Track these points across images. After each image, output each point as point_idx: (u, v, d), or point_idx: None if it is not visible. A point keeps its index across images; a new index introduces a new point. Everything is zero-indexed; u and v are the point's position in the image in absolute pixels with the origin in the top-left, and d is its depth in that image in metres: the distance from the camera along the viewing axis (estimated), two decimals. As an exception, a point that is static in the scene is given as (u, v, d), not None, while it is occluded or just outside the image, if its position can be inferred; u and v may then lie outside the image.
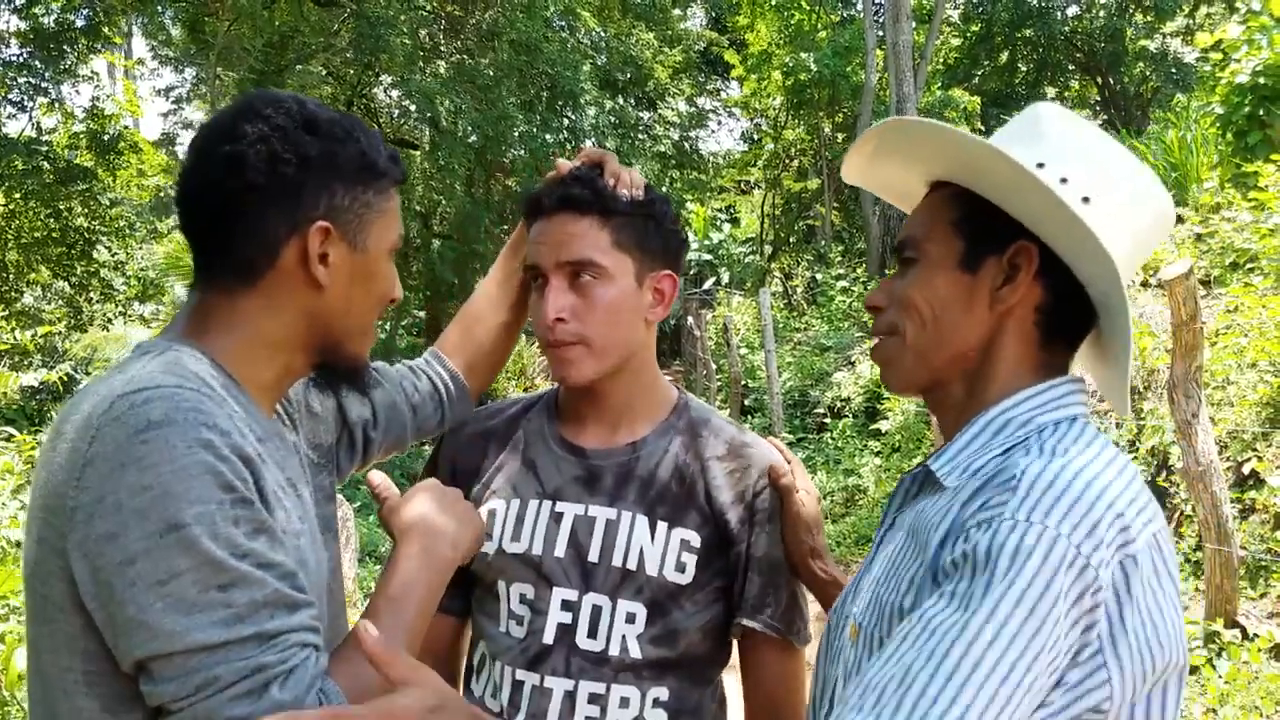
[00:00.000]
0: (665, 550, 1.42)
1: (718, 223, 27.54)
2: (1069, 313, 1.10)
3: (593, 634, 1.40)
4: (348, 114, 1.18)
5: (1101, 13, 19.47)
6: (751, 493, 1.45)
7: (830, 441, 8.24)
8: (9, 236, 11.55)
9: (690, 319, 14.00)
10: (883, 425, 7.65)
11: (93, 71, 11.71)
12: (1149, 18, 19.05)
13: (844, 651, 1.10)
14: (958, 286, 1.11)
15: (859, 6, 17.83)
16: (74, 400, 1.05)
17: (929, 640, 0.89)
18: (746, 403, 10.37)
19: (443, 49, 13.76)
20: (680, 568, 1.41)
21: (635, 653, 1.40)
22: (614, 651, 1.40)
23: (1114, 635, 0.92)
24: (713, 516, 1.44)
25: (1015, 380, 1.09)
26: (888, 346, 1.17)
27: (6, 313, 11.16)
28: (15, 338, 9.76)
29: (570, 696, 1.40)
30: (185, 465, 0.95)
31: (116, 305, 12.44)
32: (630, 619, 1.41)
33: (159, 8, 11.65)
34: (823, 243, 17.35)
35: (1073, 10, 19.83)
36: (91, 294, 12.06)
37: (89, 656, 0.98)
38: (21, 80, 10.85)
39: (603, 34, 16.14)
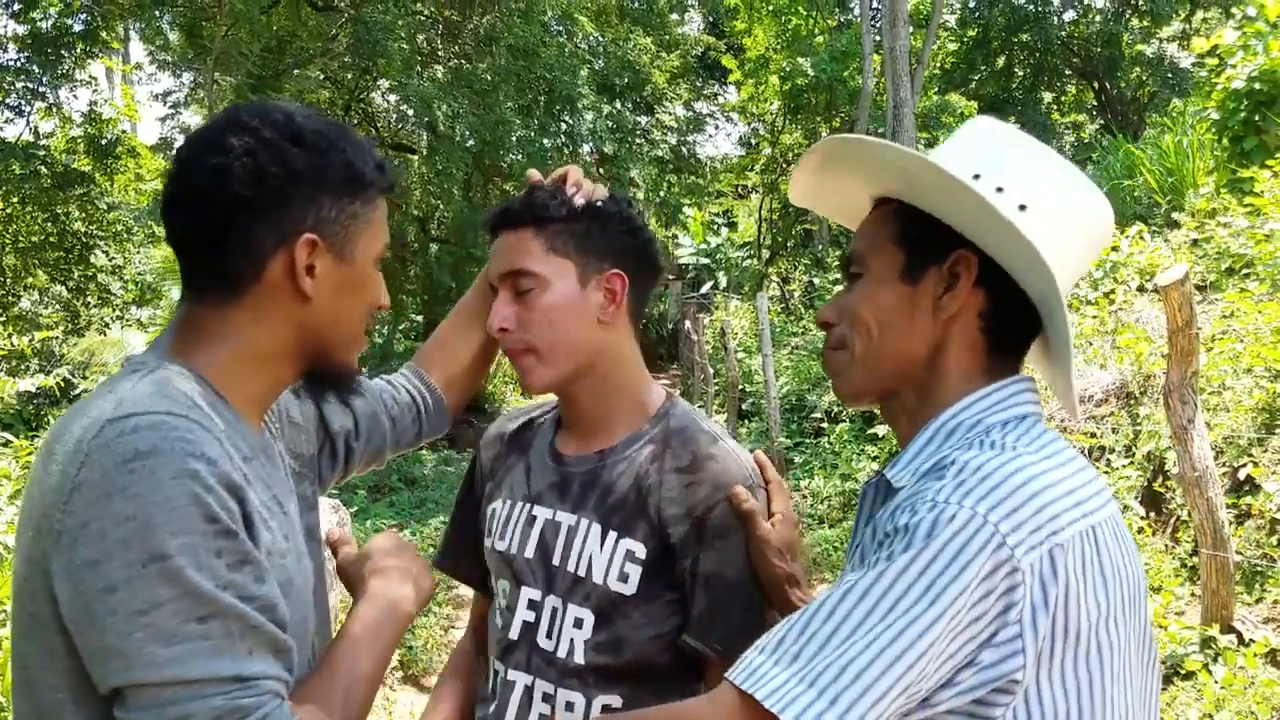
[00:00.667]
0: (611, 559, 1.43)
1: (715, 227, 27.55)
2: (1013, 318, 1.13)
3: (549, 635, 1.45)
4: (335, 123, 1.19)
5: (1098, 18, 19.51)
6: (703, 508, 1.41)
7: (827, 446, 8.24)
8: (6, 241, 11.54)
9: (688, 323, 14.01)
10: (880, 430, 7.65)
11: (90, 76, 11.71)
12: (1145, 23, 19.09)
13: None
14: (900, 298, 1.14)
15: (856, 11, 17.86)
16: (65, 419, 1.05)
17: (836, 597, 0.95)
18: (744, 407, 10.37)
19: (440, 54, 13.77)
20: (623, 578, 1.42)
21: (579, 658, 1.42)
22: (562, 654, 1.43)
23: (1035, 618, 0.95)
24: (659, 528, 1.42)
25: (964, 386, 1.12)
26: (837, 359, 1.20)
27: (4, 317, 11.15)
28: (12, 342, 9.76)
29: (529, 692, 1.45)
30: (170, 496, 0.95)
31: (114, 310, 12.44)
32: (578, 624, 1.43)
33: (157, 12, 11.65)
34: (820, 247, 17.36)
35: (1069, 15, 19.86)
36: (89, 298, 12.05)
37: (76, 674, 0.98)
38: (19, 85, 10.86)
39: (600, 39, 16.16)
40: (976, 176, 1.11)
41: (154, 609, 0.94)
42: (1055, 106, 21.10)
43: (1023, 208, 1.09)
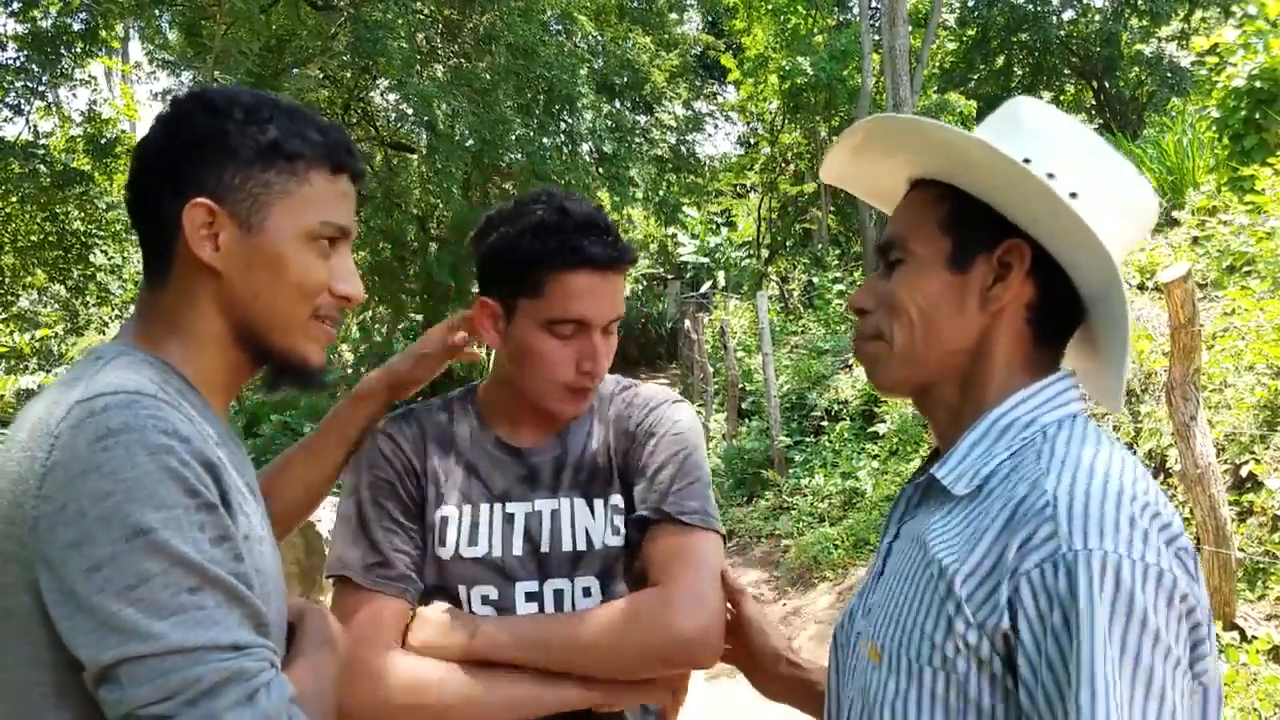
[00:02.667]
0: (605, 523, 1.54)
1: (714, 226, 27.56)
2: (1059, 310, 1.09)
3: (558, 613, 1.50)
4: (277, 100, 1.15)
5: (1097, 17, 19.52)
6: (634, 423, 1.57)
7: (828, 444, 8.24)
8: (5, 240, 11.54)
9: (687, 322, 14.01)
10: (880, 428, 7.65)
11: (90, 75, 11.70)
12: (1144, 22, 19.09)
13: (865, 673, 1.07)
14: (947, 287, 1.09)
15: (855, 11, 17.86)
16: (26, 407, 1.03)
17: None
18: (744, 406, 10.37)
19: (440, 53, 13.76)
20: (616, 531, 1.53)
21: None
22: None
23: (1208, 624, 0.93)
24: (625, 474, 1.56)
25: (1009, 380, 1.08)
26: (873, 349, 1.15)
27: (3, 316, 11.14)
28: (12, 341, 9.75)
29: None
30: (148, 471, 0.94)
31: (113, 309, 12.44)
32: (587, 592, 1.51)
33: (156, 11, 11.64)
34: (819, 246, 17.36)
35: (1068, 15, 19.87)
36: (88, 298, 12.05)
37: (61, 667, 0.95)
38: (18, 84, 10.84)
39: (600, 38, 16.16)
40: (1027, 161, 1.05)
41: (143, 583, 0.92)
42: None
43: (1074, 195, 1.04)
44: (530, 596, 1.50)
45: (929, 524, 1.05)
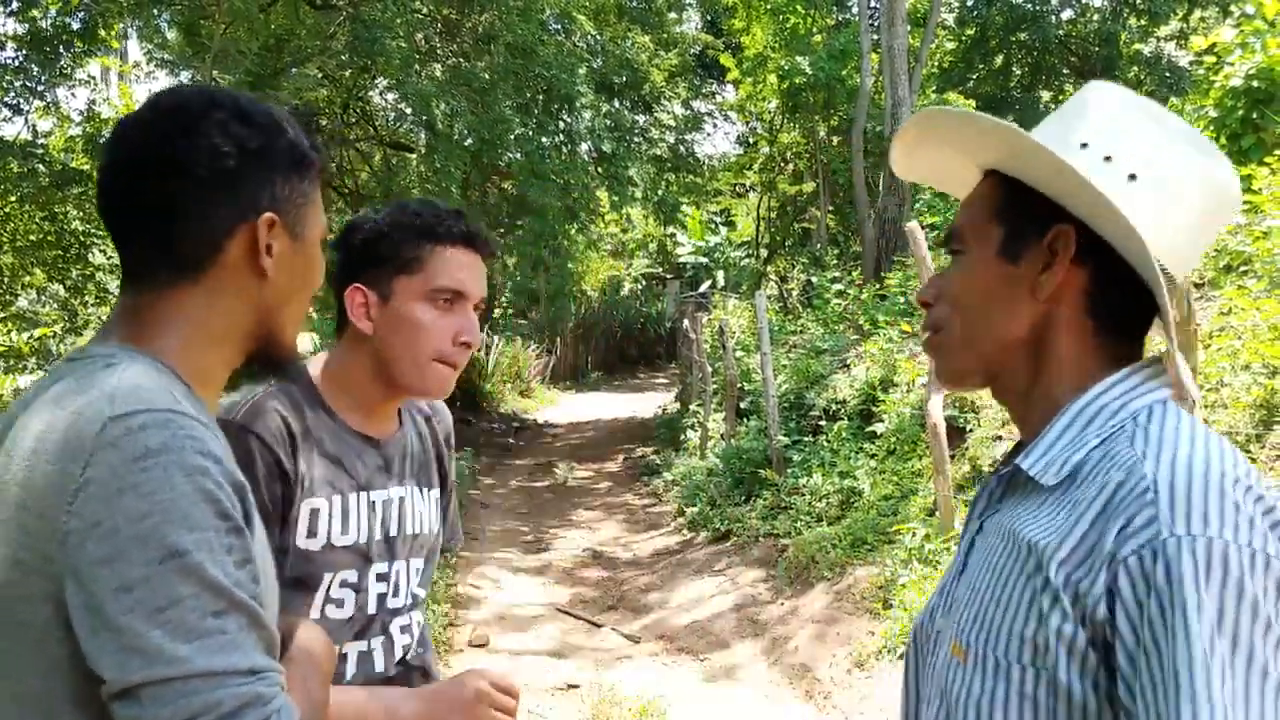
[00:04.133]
0: (431, 510, 1.77)
1: (713, 226, 27.56)
2: (1125, 296, 1.04)
3: (396, 593, 1.68)
4: (274, 106, 1.20)
5: (1095, 16, 19.54)
6: (445, 432, 1.84)
7: (826, 444, 8.24)
8: (4, 240, 11.54)
9: (686, 322, 14.02)
10: (878, 428, 7.66)
11: (89, 75, 11.70)
12: (1143, 22, 19.11)
13: (946, 672, 1.04)
14: (1000, 278, 1.08)
15: (854, 10, 17.87)
16: (29, 415, 1.03)
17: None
18: (742, 405, 10.38)
19: (439, 52, 13.76)
20: (436, 520, 1.78)
21: (413, 592, 1.72)
22: (407, 600, 1.70)
23: None
24: (440, 467, 1.81)
25: (1080, 369, 1.05)
26: (936, 341, 1.15)
27: (2, 316, 11.14)
28: (10, 340, 9.76)
29: (390, 644, 1.67)
30: (185, 493, 0.96)
31: (112, 309, 12.44)
32: (416, 572, 1.73)
33: (155, 11, 11.64)
34: (818, 246, 17.37)
35: (1067, 14, 19.88)
36: (87, 297, 12.04)
37: (79, 679, 0.96)
38: (17, 83, 10.83)
39: (599, 37, 16.16)
40: (1084, 145, 1.04)
41: (172, 605, 0.93)
42: (1053, 105, 21.09)
43: (1132, 177, 1.02)
44: (380, 577, 1.64)
45: (1018, 515, 1.03)
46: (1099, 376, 1.04)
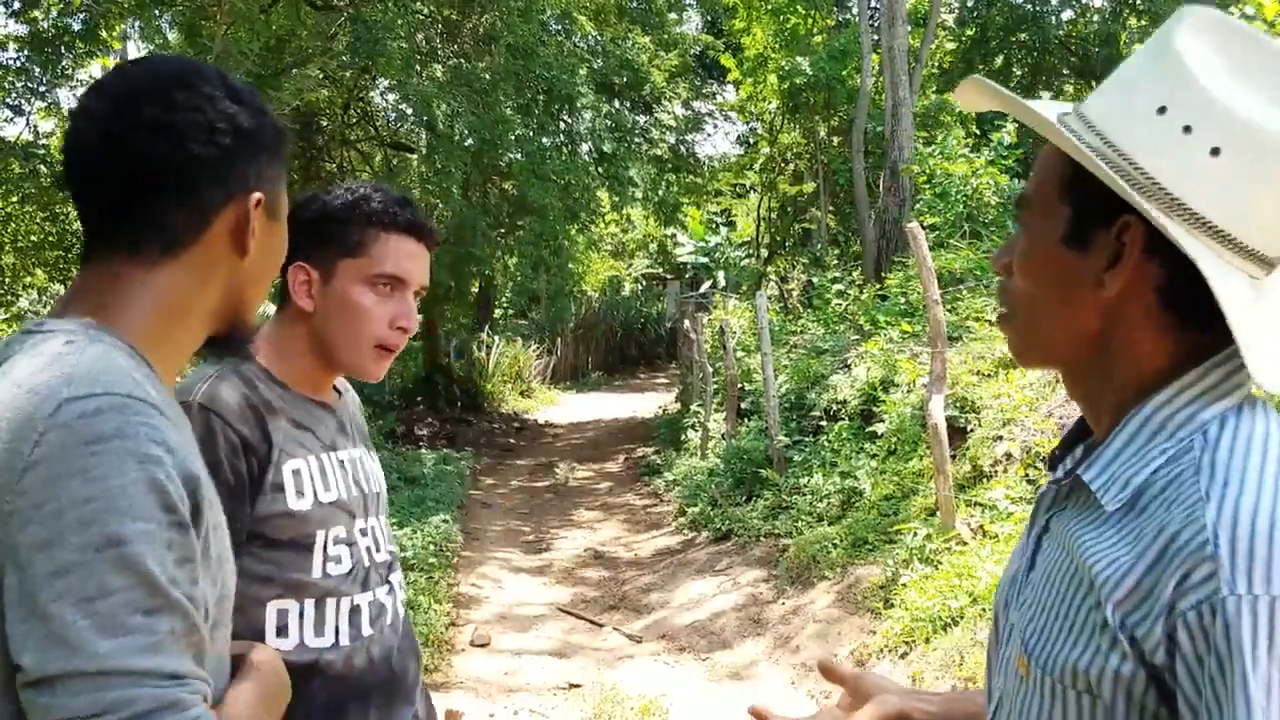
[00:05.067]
0: (379, 470, 1.83)
1: (714, 226, 27.58)
2: (1202, 286, 0.89)
3: (378, 548, 1.73)
4: (250, 85, 1.19)
5: (1096, 17, 19.55)
6: (353, 405, 1.87)
7: (827, 444, 8.25)
8: (5, 240, 11.56)
9: (687, 322, 14.03)
10: (879, 428, 7.67)
11: (90, 76, 11.71)
12: (1143, 22, 19.11)
13: (1013, 679, 1.02)
14: (1064, 267, 0.96)
15: (854, 11, 17.88)
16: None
17: None
18: (743, 405, 10.39)
19: (440, 53, 13.77)
20: (382, 479, 1.84)
21: (389, 549, 1.78)
22: (384, 556, 1.75)
23: None
24: (364, 429, 1.87)
25: (1155, 368, 0.95)
26: (1007, 329, 1.06)
27: (3, 316, 11.16)
28: (12, 341, 9.76)
29: (391, 594, 1.74)
30: (133, 481, 0.93)
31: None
32: (386, 528, 1.80)
33: (156, 11, 11.65)
34: (819, 246, 17.39)
35: (1067, 14, 19.90)
36: (88, 298, 12.05)
37: (8, 662, 0.94)
38: (19, 84, 10.85)
39: (599, 38, 16.18)
40: (1161, 110, 0.90)
41: (103, 597, 0.91)
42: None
43: (1215, 151, 0.88)
44: (364, 532, 1.70)
45: (1081, 535, 0.96)
46: (1172, 376, 0.94)
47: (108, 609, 0.91)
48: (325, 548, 1.62)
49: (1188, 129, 0.88)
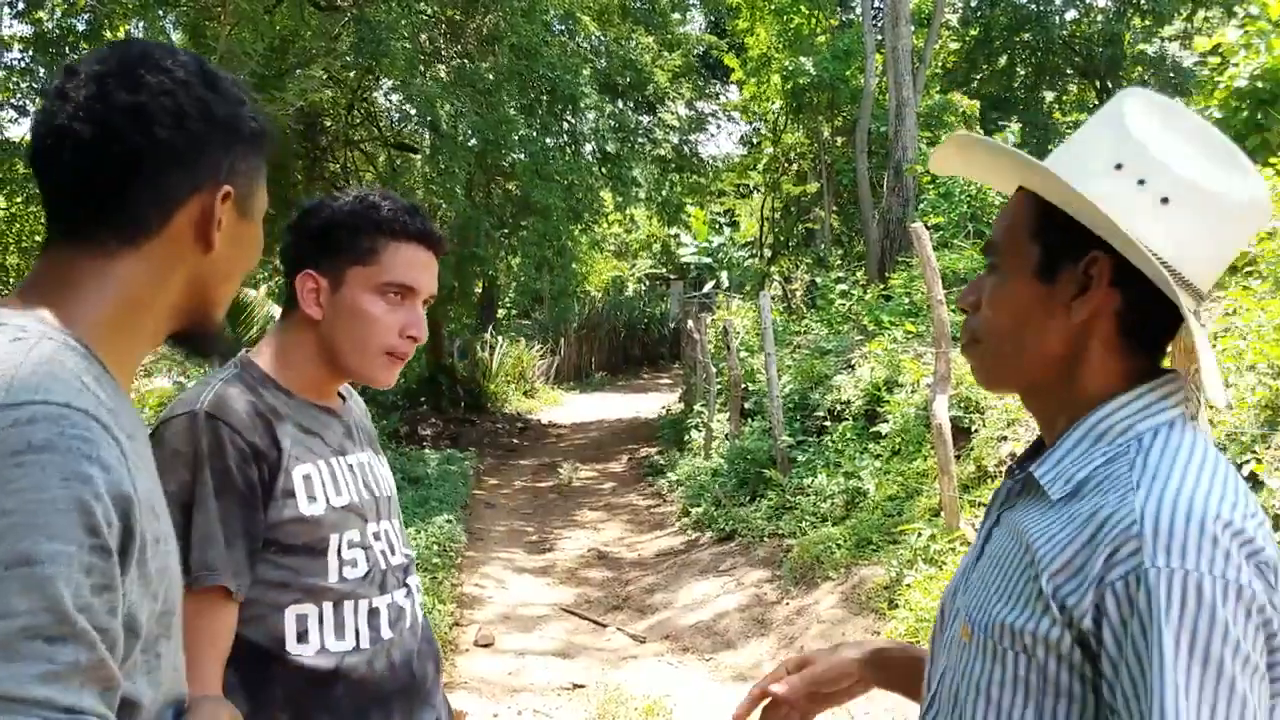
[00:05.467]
0: (389, 473, 1.84)
1: (717, 226, 27.56)
2: (1155, 314, 1.09)
3: (393, 551, 1.74)
4: (234, 77, 1.14)
5: (1100, 17, 19.53)
6: (359, 410, 1.87)
7: (830, 444, 8.25)
8: (10, 240, 11.60)
9: (690, 322, 14.03)
10: (883, 428, 7.66)
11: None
12: (1147, 22, 19.10)
13: (957, 648, 1.15)
14: (1035, 297, 1.11)
15: (858, 11, 17.87)
16: None
17: None
18: (747, 406, 10.38)
19: (443, 53, 13.78)
20: (392, 482, 1.84)
21: (405, 552, 1.78)
22: (399, 559, 1.75)
23: None
24: (372, 434, 1.87)
25: (1106, 385, 1.10)
26: (974, 354, 1.20)
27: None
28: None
29: (410, 599, 1.74)
30: (55, 497, 0.87)
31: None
32: (400, 531, 1.80)
33: (160, 12, 11.66)
34: (822, 246, 17.38)
35: (1071, 14, 19.88)
36: (92, 298, 12.08)
37: None
38: (23, 85, 10.87)
39: (602, 38, 16.17)
40: (1119, 166, 1.07)
41: (7, 617, 0.84)
42: (1057, 106, 21.12)
43: (1165, 200, 1.05)
44: (376, 535, 1.70)
45: (1026, 520, 1.10)
46: (1117, 392, 1.09)
47: (6, 630, 0.84)
48: (339, 552, 1.62)
49: (1141, 182, 1.06)
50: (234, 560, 1.50)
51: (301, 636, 1.58)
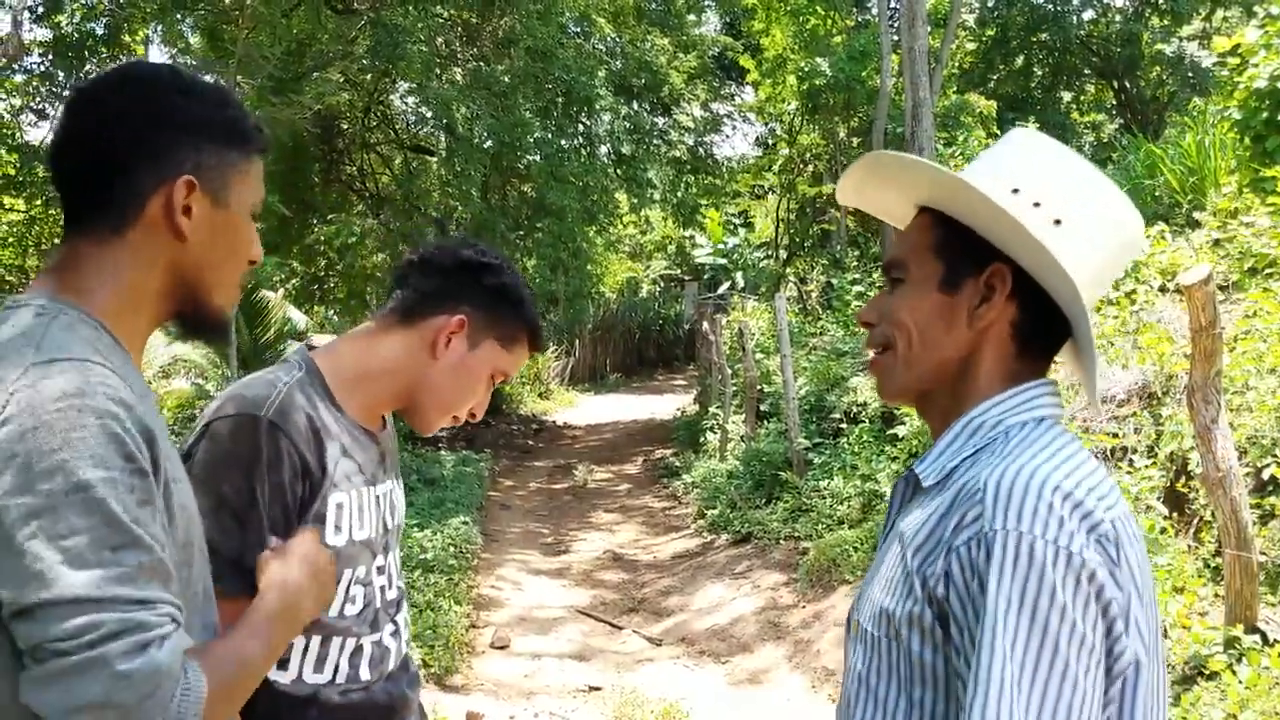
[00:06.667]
0: (402, 500, 1.84)
1: (732, 227, 27.53)
2: (1044, 324, 1.19)
3: (390, 585, 1.73)
4: (223, 86, 1.32)
5: (1117, 17, 19.42)
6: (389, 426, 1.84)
7: (847, 447, 8.22)
8: (30, 243, 11.68)
9: (705, 324, 14.01)
10: (899, 430, 7.64)
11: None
12: (1165, 22, 18.98)
13: (850, 649, 1.22)
14: (939, 306, 1.21)
15: (874, 11, 17.82)
16: None
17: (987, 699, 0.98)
18: (762, 408, 10.36)
19: (459, 56, 13.82)
20: (403, 509, 1.85)
21: (399, 586, 1.77)
22: (397, 592, 1.76)
23: (1129, 604, 1.04)
24: (397, 459, 1.86)
25: (991, 388, 1.19)
26: (883, 361, 1.27)
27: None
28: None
29: (396, 636, 1.72)
30: (94, 433, 1.05)
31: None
32: (398, 560, 1.79)
33: (178, 15, 11.73)
34: (838, 248, 17.32)
35: (1088, 14, 19.77)
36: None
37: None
38: (43, 89, 10.95)
39: (618, 40, 16.19)
40: (1016, 190, 1.17)
41: (73, 535, 1.02)
42: (1074, 106, 21.01)
43: (1058, 222, 1.15)
44: (380, 570, 1.69)
45: (908, 517, 1.18)
46: (994, 393, 1.19)
47: (77, 545, 1.02)
48: (346, 588, 1.61)
49: (1037, 204, 1.16)
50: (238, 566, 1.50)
51: (282, 664, 1.57)
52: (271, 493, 1.50)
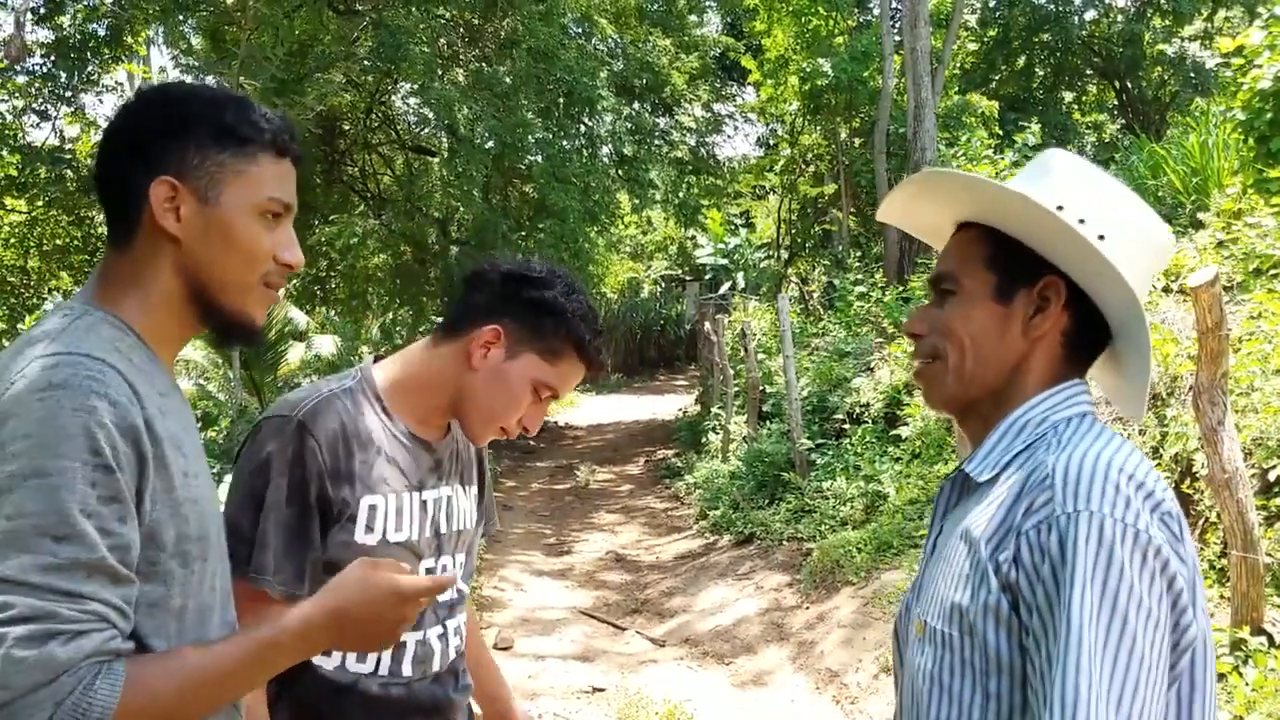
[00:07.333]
0: (470, 506, 1.86)
1: (734, 228, 27.53)
2: (1089, 333, 1.26)
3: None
4: (228, 92, 1.35)
5: (1119, 17, 19.42)
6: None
7: (850, 448, 8.22)
8: (31, 244, 11.68)
9: (707, 324, 14.00)
10: (903, 431, 7.63)
11: (115, 81, 11.79)
12: (1167, 22, 18.98)
13: (913, 650, 1.22)
14: (993, 316, 1.26)
15: (876, 12, 17.81)
16: (9, 350, 1.20)
17: (1065, 675, 1.01)
18: (765, 408, 10.36)
19: (461, 57, 13.81)
20: (475, 515, 1.89)
21: (461, 587, 1.82)
22: (454, 595, 1.79)
23: (1194, 580, 1.08)
24: (478, 462, 1.92)
25: (1034, 391, 1.25)
26: (932, 370, 1.31)
27: (30, 319, 11.25)
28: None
29: (443, 639, 1.76)
30: (64, 424, 1.09)
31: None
32: (460, 566, 1.82)
33: (180, 17, 11.73)
34: (840, 248, 17.33)
35: (1090, 14, 19.77)
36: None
37: None
38: (45, 90, 10.94)
39: (619, 41, 16.19)
40: (1060, 208, 1.21)
41: (19, 518, 1.06)
42: (1076, 106, 21.01)
43: (1102, 237, 1.21)
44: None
45: (966, 510, 1.22)
46: (1039, 393, 1.24)
47: (19, 529, 1.06)
48: None
49: (1082, 220, 1.21)
50: (282, 566, 1.57)
51: (327, 650, 1.60)
52: (290, 490, 1.58)
